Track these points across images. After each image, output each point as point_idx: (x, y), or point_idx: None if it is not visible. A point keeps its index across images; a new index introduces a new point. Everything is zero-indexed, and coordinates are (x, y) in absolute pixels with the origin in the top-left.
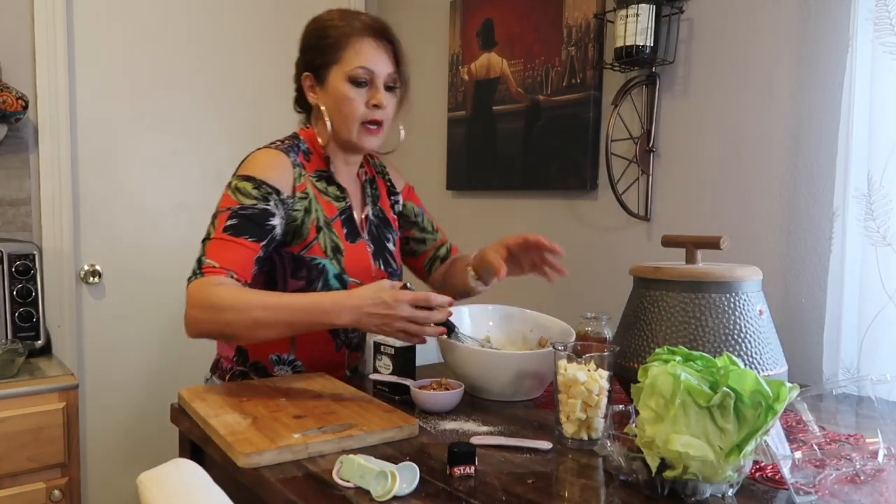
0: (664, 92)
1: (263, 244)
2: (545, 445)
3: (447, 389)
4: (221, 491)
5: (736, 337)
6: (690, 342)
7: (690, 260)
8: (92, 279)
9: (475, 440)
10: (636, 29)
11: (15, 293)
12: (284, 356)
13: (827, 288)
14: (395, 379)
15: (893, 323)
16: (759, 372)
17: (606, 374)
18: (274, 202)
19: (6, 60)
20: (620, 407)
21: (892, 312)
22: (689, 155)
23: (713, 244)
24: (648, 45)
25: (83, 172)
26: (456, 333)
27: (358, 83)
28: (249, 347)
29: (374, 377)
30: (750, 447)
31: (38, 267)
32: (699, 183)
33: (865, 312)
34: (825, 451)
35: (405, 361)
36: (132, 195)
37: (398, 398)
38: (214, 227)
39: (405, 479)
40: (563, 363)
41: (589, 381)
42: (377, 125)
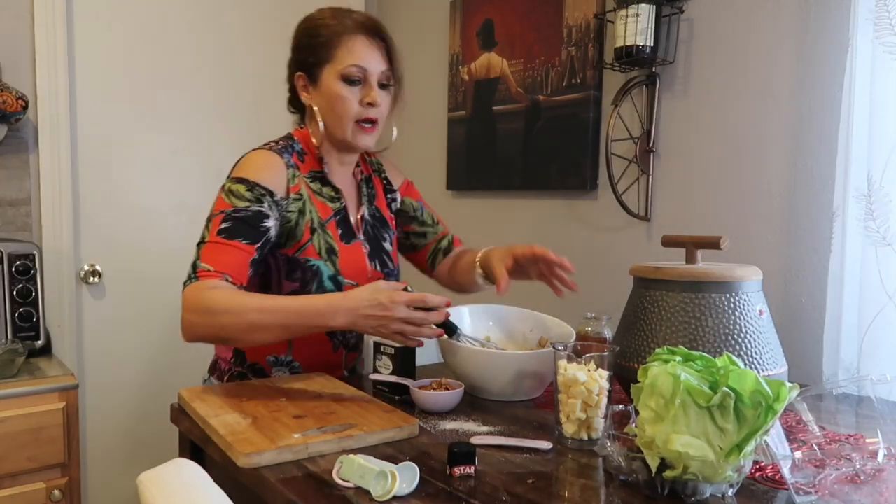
0: (664, 92)
1: (258, 246)
2: (545, 445)
3: (447, 389)
4: (221, 491)
5: (736, 337)
6: (690, 342)
7: (690, 260)
8: (92, 279)
9: (475, 440)
10: (636, 29)
11: (15, 293)
12: (282, 357)
13: (827, 288)
14: (395, 379)
15: (893, 323)
16: (759, 372)
17: (606, 374)
18: (268, 204)
19: (6, 60)
20: (620, 407)
21: (892, 312)
22: (689, 155)
23: (713, 244)
24: (648, 45)
25: (83, 172)
26: (458, 335)
27: (351, 81)
28: (247, 349)
29: (374, 377)
30: (750, 447)
31: (38, 267)
32: (699, 183)
33: (865, 312)
34: (825, 451)
35: (405, 361)
36: (132, 195)
37: (398, 398)
38: (209, 230)
39: (405, 479)
40: (563, 363)
41: (589, 381)
42: (372, 123)
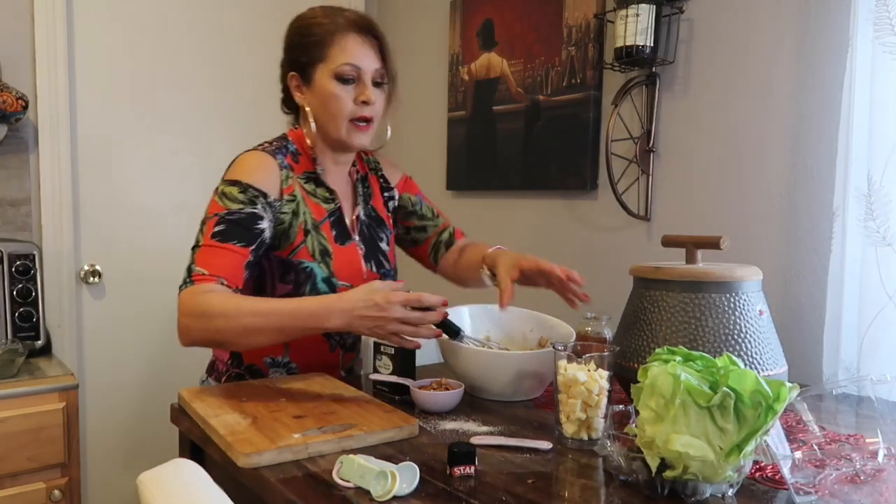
0: (664, 92)
1: (253, 248)
2: (545, 445)
3: (447, 389)
4: (221, 491)
5: (736, 337)
6: (690, 342)
7: (690, 260)
8: (92, 279)
9: (475, 440)
10: (636, 29)
11: (15, 293)
12: (279, 358)
13: (827, 288)
14: (395, 379)
15: (893, 323)
16: (759, 372)
17: (606, 374)
18: (261, 205)
19: (6, 60)
20: (620, 407)
21: (892, 312)
22: (689, 155)
23: (713, 244)
24: (648, 45)
25: (83, 172)
26: (462, 336)
27: (345, 80)
28: (243, 350)
29: (374, 377)
30: (750, 447)
31: (38, 267)
32: (699, 183)
33: (865, 312)
34: (825, 451)
35: (405, 361)
36: (132, 195)
37: (398, 398)
38: (203, 233)
39: (405, 479)
40: (563, 363)
41: (589, 381)
42: (366, 122)
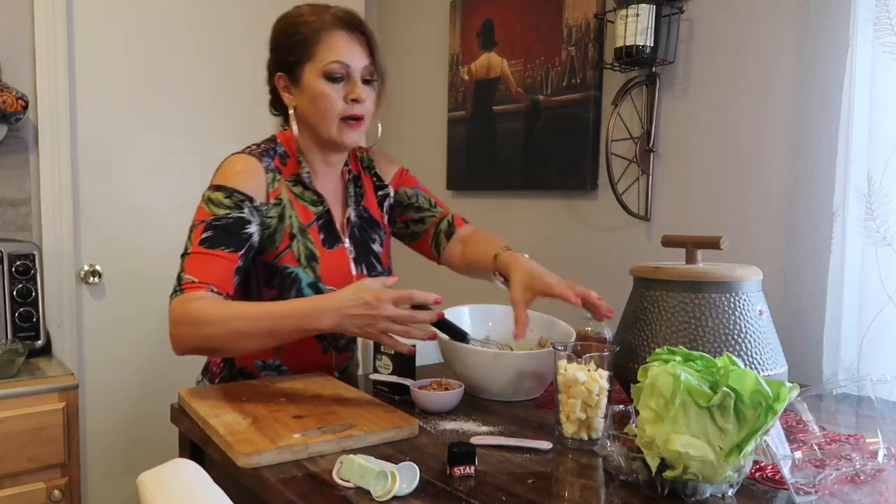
0: (664, 92)
1: (241, 253)
2: (545, 445)
3: (447, 389)
4: (221, 491)
5: (736, 337)
6: (690, 342)
7: (690, 260)
8: (92, 279)
9: (475, 440)
10: (636, 29)
11: (15, 293)
12: (269, 361)
13: (827, 288)
14: (395, 379)
15: (893, 323)
16: (759, 372)
17: (606, 374)
18: (248, 210)
19: (6, 60)
20: (620, 407)
21: (892, 312)
22: (689, 155)
23: (713, 244)
24: (648, 45)
25: (83, 172)
26: (468, 339)
27: (333, 79)
28: (238, 356)
29: (374, 377)
30: (750, 447)
31: (38, 267)
32: (699, 183)
33: (865, 312)
34: (825, 451)
35: (405, 361)
36: (132, 195)
37: (398, 398)
38: (191, 241)
39: (405, 479)
40: (563, 363)
41: (589, 381)
42: (357, 120)
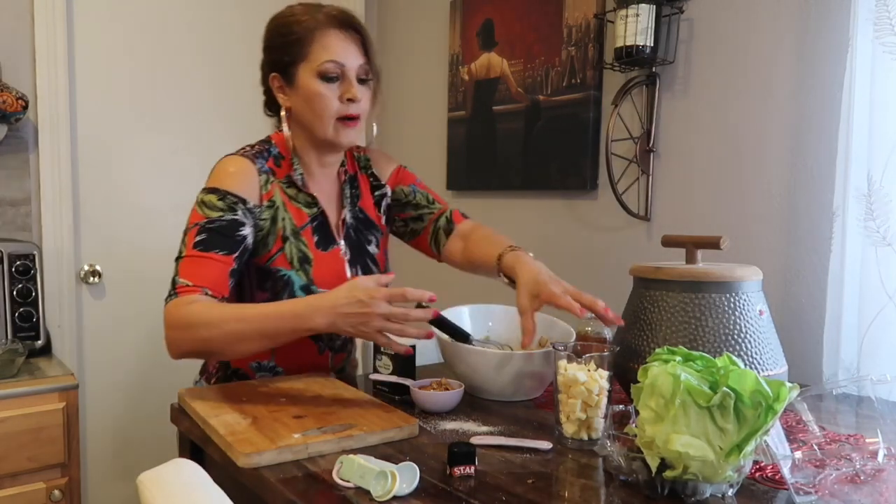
0: (664, 92)
1: (236, 256)
2: (545, 445)
3: (447, 389)
4: (221, 491)
5: (736, 337)
6: (690, 342)
7: (690, 260)
8: (92, 279)
9: (475, 440)
10: (636, 29)
11: (15, 293)
12: (264, 363)
13: (827, 288)
14: (395, 379)
15: (893, 323)
16: (759, 372)
17: (606, 374)
18: (241, 211)
19: (6, 60)
20: (620, 407)
21: (892, 312)
22: (689, 155)
23: (713, 244)
24: (648, 45)
25: (83, 172)
26: (471, 339)
27: (328, 78)
28: (234, 359)
29: (374, 377)
30: (750, 447)
31: (38, 267)
32: (699, 183)
33: (865, 312)
34: (825, 451)
35: (405, 361)
36: (132, 195)
37: (398, 398)
38: (185, 244)
39: (405, 479)
40: (563, 363)
41: (589, 381)
42: (353, 119)
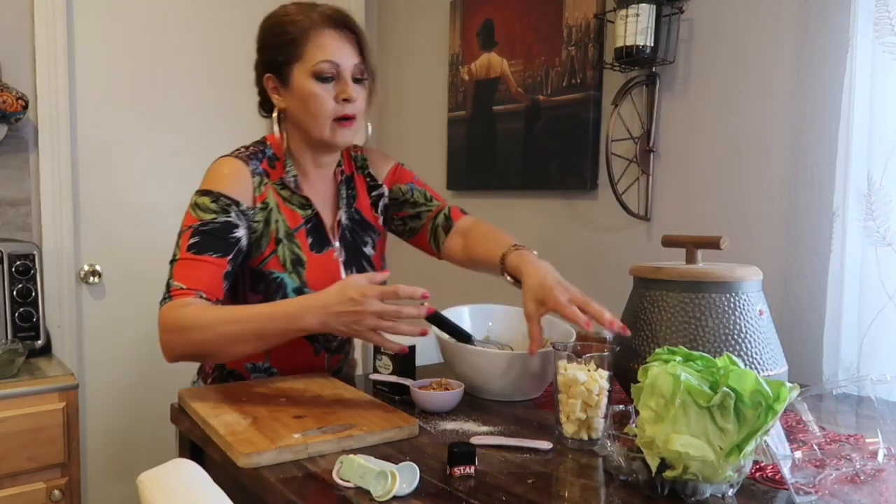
0: (664, 92)
1: (230, 258)
2: (545, 445)
3: (447, 389)
4: (221, 491)
5: (736, 337)
6: (690, 342)
7: (690, 260)
8: (92, 279)
9: (475, 440)
10: (636, 29)
11: (15, 293)
12: (259, 364)
13: (827, 288)
14: (395, 379)
15: (893, 323)
16: (759, 372)
17: (606, 374)
18: (235, 213)
19: (6, 60)
20: (620, 407)
21: (892, 312)
22: (689, 155)
23: (713, 244)
24: (648, 45)
25: (83, 172)
26: (473, 340)
27: (324, 78)
28: (229, 361)
29: (374, 377)
30: (750, 447)
31: (38, 267)
32: (699, 183)
33: (865, 312)
34: (825, 451)
35: (405, 361)
36: (132, 195)
37: (398, 398)
38: (179, 247)
39: (405, 479)
40: (563, 363)
41: (589, 381)
42: (349, 119)
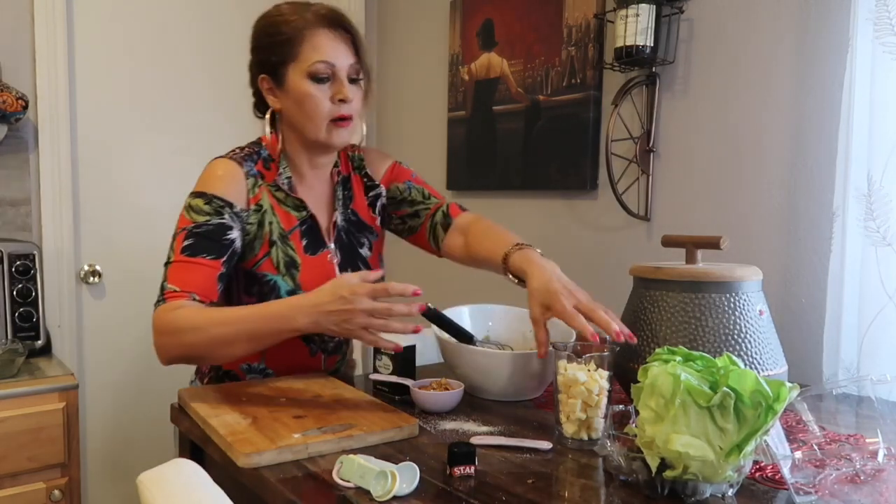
0: (664, 92)
1: (224, 260)
2: (545, 445)
3: (447, 389)
4: (221, 491)
5: (736, 337)
6: (690, 342)
7: (690, 260)
8: (92, 279)
9: (475, 440)
10: (636, 29)
11: (15, 293)
12: (254, 365)
13: (827, 288)
14: (395, 379)
15: (893, 323)
16: (759, 372)
17: (606, 374)
18: (229, 215)
19: (6, 60)
20: (620, 407)
21: (892, 312)
22: (689, 155)
23: (713, 244)
24: (648, 45)
25: (83, 172)
26: (474, 340)
27: (319, 79)
28: (224, 362)
29: (374, 377)
30: (750, 447)
31: (38, 267)
32: (699, 183)
33: (865, 312)
34: (825, 451)
35: (405, 361)
36: (132, 195)
37: (398, 398)
38: (173, 249)
39: (405, 479)
40: (563, 363)
41: (589, 381)
42: (345, 120)
